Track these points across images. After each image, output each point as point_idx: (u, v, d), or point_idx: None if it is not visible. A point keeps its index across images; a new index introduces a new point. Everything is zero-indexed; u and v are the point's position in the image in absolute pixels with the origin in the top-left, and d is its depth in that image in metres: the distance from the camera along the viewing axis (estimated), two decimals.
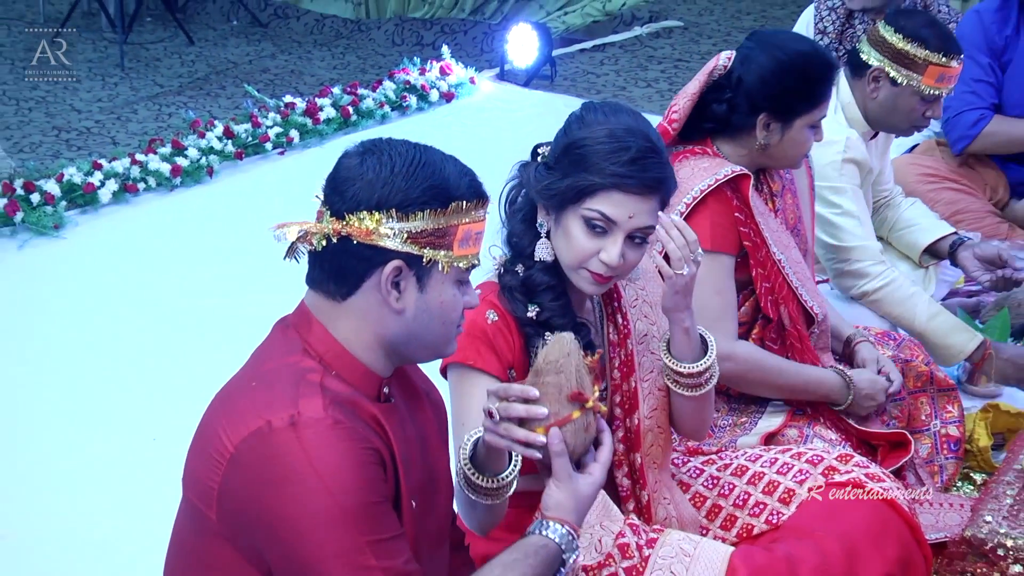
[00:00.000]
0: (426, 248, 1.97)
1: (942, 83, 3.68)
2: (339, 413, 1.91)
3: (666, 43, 8.54)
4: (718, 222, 3.13)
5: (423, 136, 6.35)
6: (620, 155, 2.43)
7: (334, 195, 1.98)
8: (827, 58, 3.27)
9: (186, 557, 2.07)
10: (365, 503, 1.89)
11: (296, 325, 2.05)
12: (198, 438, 2.04)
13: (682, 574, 2.51)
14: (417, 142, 2.03)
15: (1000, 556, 2.83)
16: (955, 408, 3.58)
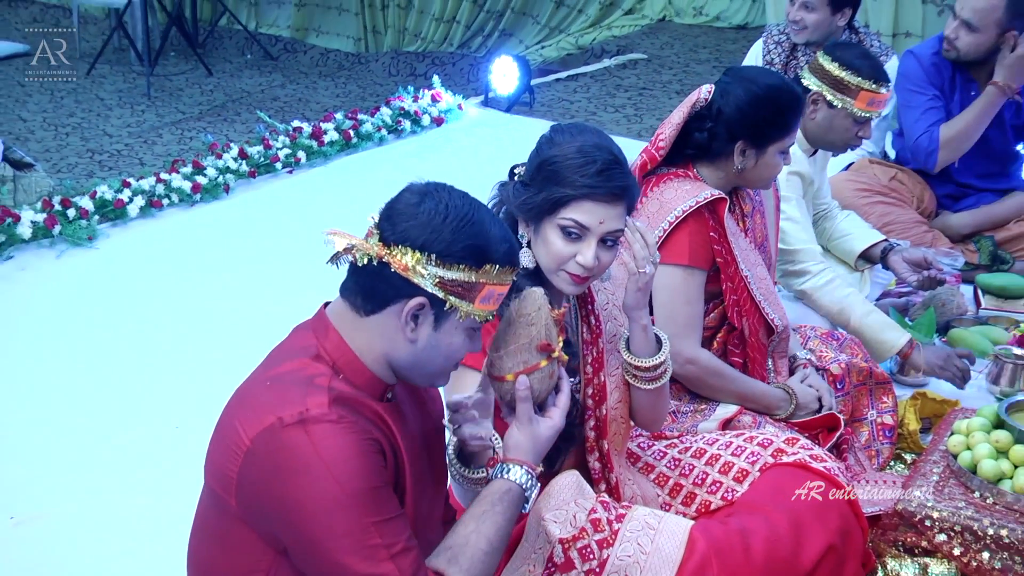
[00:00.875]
0: (451, 296, 1.98)
1: (872, 107, 3.70)
2: (342, 410, 1.92)
3: (632, 73, 8.54)
4: (695, 240, 3.14)
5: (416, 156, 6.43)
6: (588, 168, 2.43)
7: (387, 223, 1.98)
8: (795, 91, 3.27)
9: (209, 537, 2.08)
10: (368, 488, 1.90)
11: (314, 329, 2.06)
12: (219, 430, 2.04)
13: (647, 545, 2.50)
14: (475, 199, 2.04)
15: (927, 527, 2.83)
16: (889, 399, 3.58)
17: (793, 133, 3.25)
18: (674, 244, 3.12)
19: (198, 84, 8.92)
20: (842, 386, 3.48)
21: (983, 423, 3.02)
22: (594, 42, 9.39)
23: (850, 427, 3.45)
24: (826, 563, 2.64)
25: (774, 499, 2.69)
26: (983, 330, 4.23)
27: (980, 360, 4.05)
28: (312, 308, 2.13)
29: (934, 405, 3.69)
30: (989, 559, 2.76)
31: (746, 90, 3.19)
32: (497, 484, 2.15)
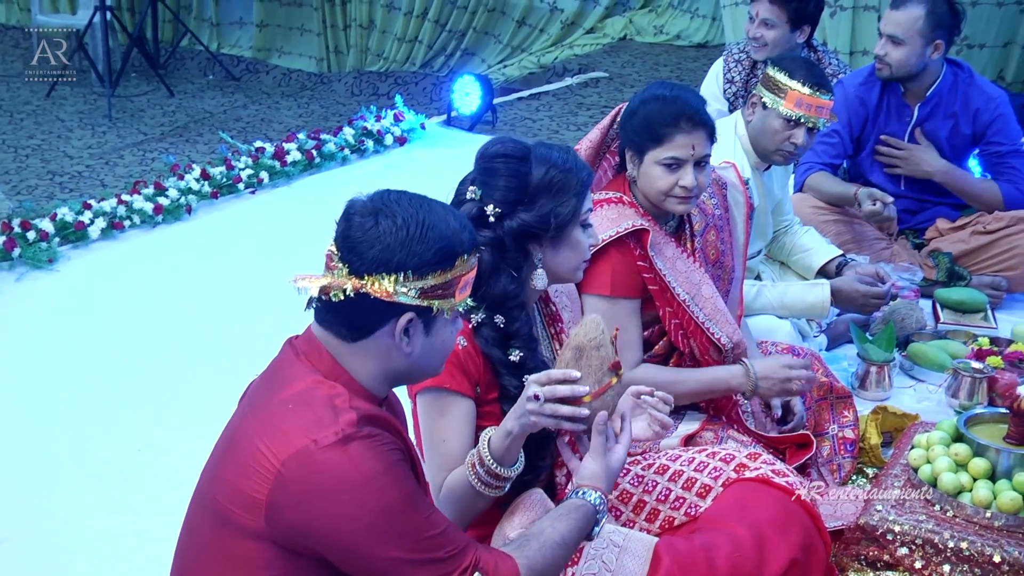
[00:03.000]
0: (435, 300, 1.99)
1: (799, 108, 3.70)
2: (371, 426, 1.94)
3: (594, 92, 8.58)
4: (618, 270, 3.15)
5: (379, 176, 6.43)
6: (582, 172, 2.60)
7: (352, 255, 1.96)
8: (674, 107, 3.14)
9: (205, 554, 2.04)
10: (408, 493, 1.94)
11: (307, 354, 2.04)
12: (233, 451, 2.01)
13: (612, 563, 2.50)
14: (417, 196, 2.04)
15: (889, 540, 2.84)
16: (850, 413, 3.61)
17: (670, 147, 3.11)
18: (597, 275, 3.12)
19: (160, 105, 8.88)
20: (803, 401, 3.49)
21: (943, 436, 3.04)
22: (556, 61, 9.43)
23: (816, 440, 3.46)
24: None
25: (737, 514, 2.70)
26: (942, 344, 4.27)
27: (939, 374, 4.09)
28: (276, 328, 2.13)
29: (895, 419, 3.71)
30: (950, 571, 2.77)
31: (632, 100, 3.22)
32: (574, 500, 2.26)
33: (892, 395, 4.01)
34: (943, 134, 4.81)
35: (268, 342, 2.53)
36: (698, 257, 3.32)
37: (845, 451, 3.53)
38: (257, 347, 4.16)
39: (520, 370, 2.55)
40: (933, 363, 4.16)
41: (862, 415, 3.68)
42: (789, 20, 4.94)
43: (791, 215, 4.33)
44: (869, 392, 3.99)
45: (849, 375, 4.03)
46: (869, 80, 4.84)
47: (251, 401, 2.08)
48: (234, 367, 4.09)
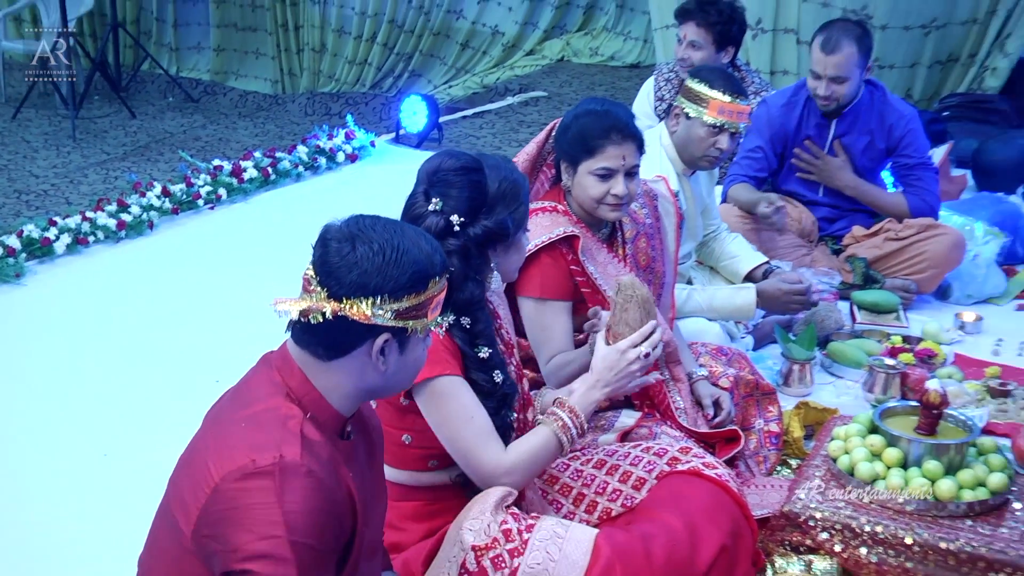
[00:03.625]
0: (409, 320, 1.97)
1: (722, 115, 3.76)
2: (314, 462, 1.88)
3: (534, 110, 8.60)
4: (548, 273, 3.19)
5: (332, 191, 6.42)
6: (525, 181, 2.71)
7: (330, 280, 1.92)
8: (606, 120, 3.19)
9: (161, 557, 2.02)
10: (312, 547, 1.85)
11: (280, 369, 2.01)
12: (188, 461, 1.99)
13: (556, 554, 2.51)
14: (390, 221, 2.01)
15: (811, 526, 2.86)
16: (775, 408, 3.63)
17: (602, 158, 3.16)
18: (529, 278, 3.17)
19: (122, 126, 8.80)
20: (732, 398, 3.52)
21: (859, 429, 3.07)
22: (498, 81, 9.44)
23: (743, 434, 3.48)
24: (720, 563, 2.66)
25: (671, 505, 2.71)
26: (858, 343, 4.32)
27: (856, 371, 4.14)
28: (238, 340, 2.13)
29: (815, 413, 3.74)
30: (866, 554, 2.80)
31: (566, 115, 3.26)
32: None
33: (813, 391, 4.05)
34: (859, 148, 4.87)
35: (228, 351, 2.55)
36: (629, 263, 3.35)
37: (770, 444, 3.55)
38: (217, 356, 4.23)
39: (487, 365, 2.58)
40: (851, 361, 4.21)
41: (786, 410, 3.71)
42: (714, 42, 4.99)
43: (718, 220, 4.36)
44: (792, 388, 4.02)
45: (774, 373, 4.06)
46: (791, 100, 4.89)
47: (215, 415, 2.05)
48: (195, 375, 4.14)
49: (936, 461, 2.89)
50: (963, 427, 3.02)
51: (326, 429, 1.99)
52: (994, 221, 5.23)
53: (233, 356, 2.18)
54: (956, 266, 4.79)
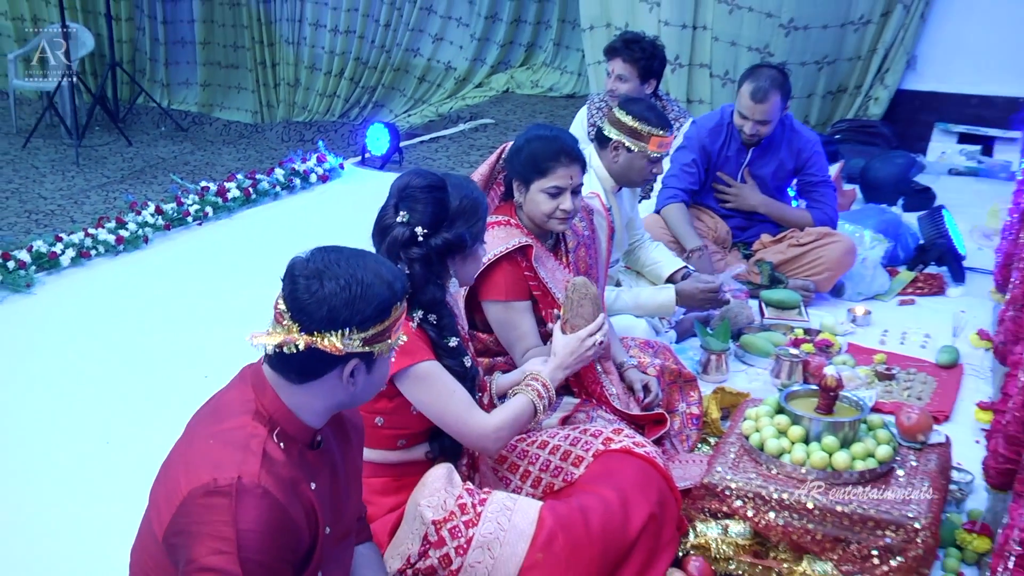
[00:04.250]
0: (376, 345, 1.92)
1: (661, 148, 3.80)
2: (271, 483, 1.83)
3: (483, 135, 8.59)
4: (509, 279, 3.19)
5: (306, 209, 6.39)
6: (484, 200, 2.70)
7: (302, 315, 1.86)
8: (555, 145, 3.20)
9: (146, 554, 1.98)
10: (265, 563, 1.81)
11: (255, 387, 1.95)
12: (165, 470, 1.95)
13: (505, 524, 2.51)
14: (353, 253, 1.94)
15: (727, 495, 2.87)
16: (695, 393, 3.64)
17: (553, 177, 3.17)
18: (492, 284, 3.17)
19: (120, 153, 8.70)
20: (658, 383, 3.53)
21: (768, 410, 3.08)
22: (451, 110, 9.43)
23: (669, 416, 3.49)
24: (649, 529, 2.67)
25: (605, 479, 2.72)
26: (767, 335, 4.34)
27: (765, 359, 4.17)
28: (224, 342, 2.08)
29: (731, 397, 3.76)
30: (774, 518, 2.81)
31: (517, 140, 3.27)
32: None
33: (728, 378, 4.06)
34: (771, 170, 4.91)
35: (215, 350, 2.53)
36: (571, 268, 3.35)
37: (692, 424, 3.56)
38: (206, 354, 4.19)
39: (456, 352, 2.59)
40: (760, 351, 4.23)
41: (705, 395, 3.72)
42: (639, 75, 5.00)
43: (642, 230, 4.37)
44: (710, 376, 4.03)
45: (694, 362, 4.07)
46: (718, 125, 4.90)
47: (192, 427, 1.99)
48: (186, 372, 4.10)
49: (833, 436, 2.91)
50: (855, 407, 3.04)
51: (296, 442, 1.94)
52: (879, 229, 5.29)
53: (220, 355, 2.17)
54: (849, 269, 4.84)
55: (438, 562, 2.46)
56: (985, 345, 4.32)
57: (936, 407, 3.80)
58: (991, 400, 3.76)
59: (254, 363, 2.00)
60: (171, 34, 10.82)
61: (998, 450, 2.75)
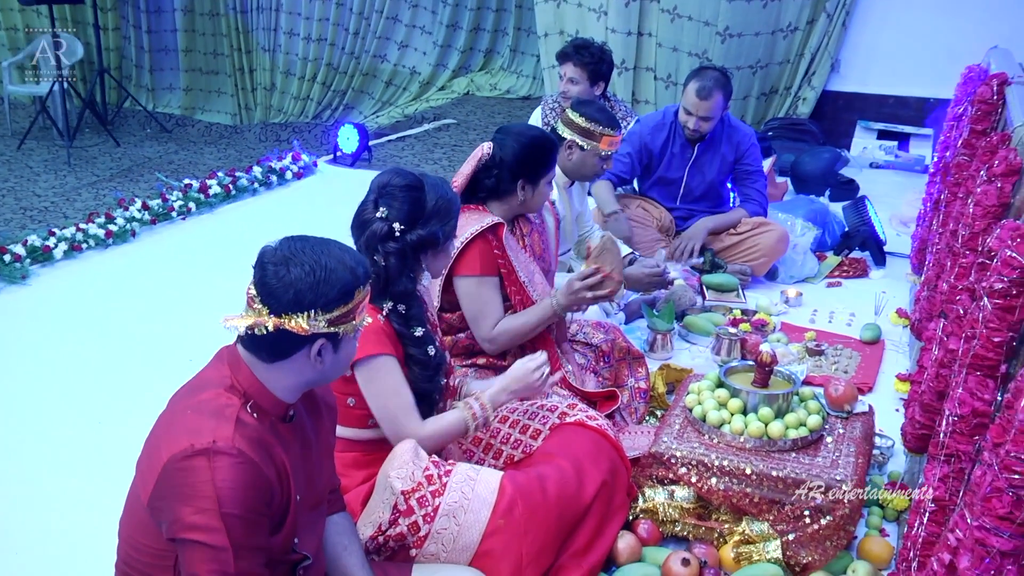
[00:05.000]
0: (341, 326, 1.90)
1: (611, 146, 3.81)
2: (244, 444, 1.81)
3: (446, 135, 8.55)
4: (483, 255, 3.15)
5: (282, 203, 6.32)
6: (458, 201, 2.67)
7: (271, 299, 1.84)
8: (551, 138, 3.35)
9: (133, 521, 1.96)
10: (242, 516, 1.80)
11: (230, 365, 1.93)
12: (148, 442, 1.92)
13: (469, 492, 2.49)
14: (318, 240, 1.92)
15: (672, 463, 2.87)
16: (643, 370, 3.64)
17: (554, 167, 3.33)
18: (467, 260, 3.13)
19: (109, 153, 8.59)
20: (608, 360, 3.53)
21: (709, 384, 3.10)
22: (416, 111, 9.38)
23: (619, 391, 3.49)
24: (601, 496, 2.67)
25: (561, 450, 2.72)
26: (708, 316, 4.36)
27: (706, 338, 4.18)
28: (206, 327, 2.05)
29: (675, 373, 3.77)
30: (716, 483, 2.82)
31: (519, 143, 3.23)
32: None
33: (673, 355, 4.07)
34: (715, 163, 4.90)
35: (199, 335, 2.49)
36: (528, 251, 3.34)
37: (640, 398, 3.56)
38: (190, 340, 4.14)
39: (422, 341, 2.55)
40: (702, 330, 4.25)
41: (652, 371, 3.72)
42: (589, 78, 4.99)
43: (591, 223, 4.37)
44: (657, 353, 4.04)
45: (642, 341, 4.08)
46: (661, 123, 4.89)
47: (173, 402, 1.97)
48: (172, 355, 4.04)
49: (768, 408, 2.92)
50: (788, 380, 3.06)
51: (269, 415, 1.93)
52: (808, 218, 5.32)
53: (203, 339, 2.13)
54: (782, 255, 4.86)
55: (407, 529, 2.44)
56: (903, 322, 4.36)
57: (860, 379, 3.83)
58: (909, 372, 3.79)
59: (231, 344, 1.98)
60: (155, 43, 10.71)
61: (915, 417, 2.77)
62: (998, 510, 1.61)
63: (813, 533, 2.71)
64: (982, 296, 2.17)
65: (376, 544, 2.45)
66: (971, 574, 1.65)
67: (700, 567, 2.70)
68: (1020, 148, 2.83)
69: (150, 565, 1.92)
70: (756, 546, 2.76)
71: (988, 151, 3.07)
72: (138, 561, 1.94)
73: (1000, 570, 1.62)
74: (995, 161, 2.85)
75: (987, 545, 1.63)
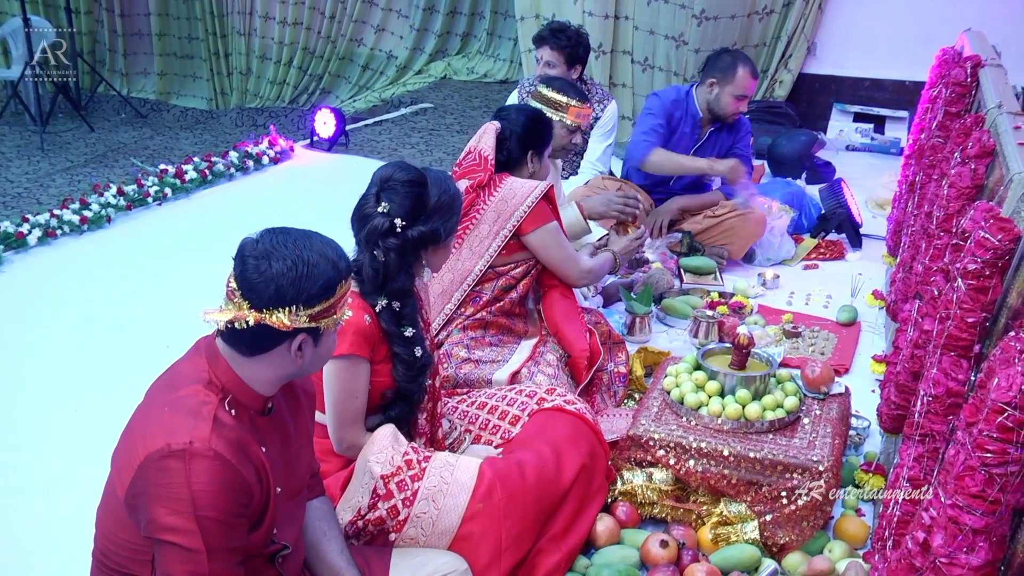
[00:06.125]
0: (322, 321, 1.88)
1: (579, 118, 3.83)
2: (221, 445, 1.80)
3: (423, 119, 8.50)
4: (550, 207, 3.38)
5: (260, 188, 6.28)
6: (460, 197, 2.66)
7: (251, 294, 1.82)
8: (545, 112, 3.57)
9: (109, 515, 1.94)
10: (218, 519, 1.79)
11: (208, 358, 1.91)
12: (125, 435, 1.90)
13: (448, 477, 2.50)
14: (300, 233, 1.89)
15: (651, 445, 2.89)
16: (623, 354, 3.65)
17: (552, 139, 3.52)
18: (540, 214, 3.32)
19: (83, 139, 8.48)
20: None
21: (687, 367, 3.12)
22: (393, 96, 9.32)
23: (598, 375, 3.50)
24: (580, 479, 2.69)
25: (540, 435, 2.73)
26: (685, 299, 4.37)
27: (684, 321, 4.19)
28: (182, 314, 2.04)
29: (653, 356, 3.78)
30: (694, 465, 2.84)
31: (524, 115, 3.42)
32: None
33: (651, 338, 4.09)
34: (715, 150, 4.92)
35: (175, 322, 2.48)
36: None
37: (619, 381, 3.58)
38: (167, 326, 4.12)
39: (410, 341, 2.52)
40: (680, 313, 4.26)
41: (631, 354, 3.74)
42: (566, 61, 4.98)
43: (564, 200, 4.37)
44: (635, 336, 4.05)
45: (620, 325, 4.08)
46: (676, 101, 4.87)
47: (150, 394, 1.95)
48: (148, 342, 4.02)
49: (745, 390, 2.94)
50: (765, 362, 3.08)
51: (247, 409, 1.91)
52: (785, 200, 5.34)
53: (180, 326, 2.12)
54: (759, 238, 4.88)
55: (386, 513, 2.44)
56: (879, 304, 4.39)
57: (837, 361, 3.86)
58: (884, 353, 3.82)
59: (208, 335, 1.95)
60: (129, 27, 10.59)
61: (890, 398, 2.79)
62: (971, 488, 1.63)
63: (790, 514, 2.73)
64: (956, 277, 2.19)
65: (355, 528, 2.45)
66: (944, 551, 1.67)
67: (678, 549, 2.72)
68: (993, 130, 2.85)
69: (127, 559, 1.92)
70: (734, 527, 2.78)
71: (962, 133, 3.09)
72: (115, 555, 1.93)
73: (972, 547, 1.64)
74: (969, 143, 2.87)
75: (960, 523, 1.65)
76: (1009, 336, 1.72)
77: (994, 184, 2.65)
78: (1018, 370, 1.56)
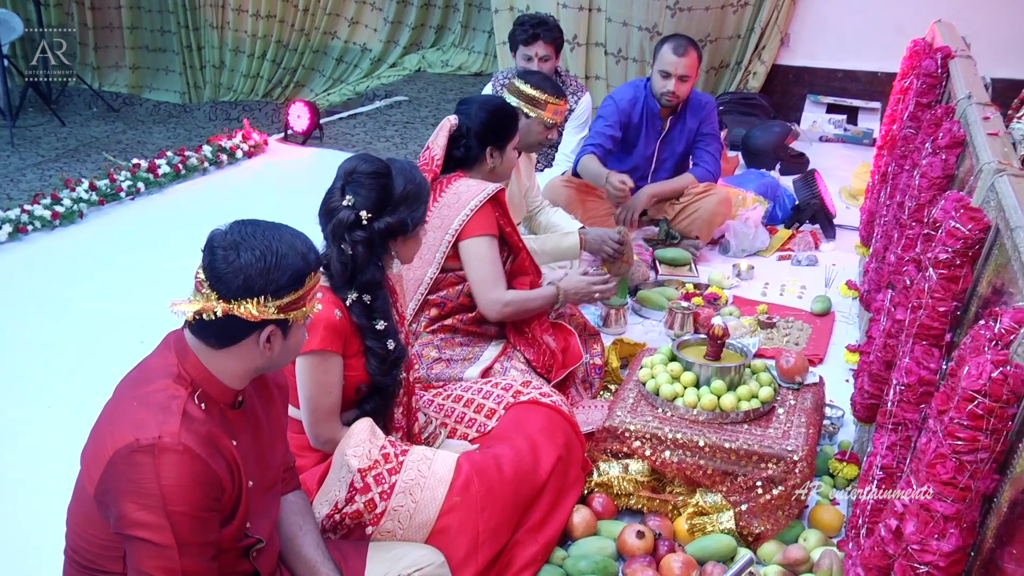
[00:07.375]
0: (291, 312, 1.88)
1: (556, 116, 3.81)
2: (191, 440, 1.78)
3: (397, 112, 8.49)
4: (492, 217, 3.23)
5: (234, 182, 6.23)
6: (426, 185, 2.60)
7: (219, 284, 1.81)
8: (510, 105, 3.50)
9: (80, 512, 1.93)
10: (189, 514, 1.78)
11: (178, 352, 1.89)
12: (95, 433, 1.88)
13: (426, 471, 2.50)
14: (269, 225, 1.88)
15: (626, 437, 2.90)
16: (598, 345, 3.65)
17: (517, 135, 3.40)
18: (480, 222, 3.17)
19: (54, 133, 8.42)
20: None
21: (662, 358, 3.13)
22: (368, 89, 9.29)
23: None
24: (557, 471, 2.69)
25: (516, 429, 2.74)
26: (661, 290, 4.38)
27: (660, 312, 4.21)
28: (154, 309, 2.01)
29: (629, 347, 3.79)
30: (669, 456, 2.85)
31: (484, 110, 3.31)
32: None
33: (627, 330, 4.10)
34: (684, 135, 4.91)
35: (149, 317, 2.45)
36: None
37: (595, 373, 3.58)
38: (140, 321, 4.07)
39: (382, 335, 2.51)
40: (655, 304, 4.27)
41: (606, 346, 3.75)
42: (556, 51, 5.08)
43: (540, 197, 4.38)
44: (611, 328, 4.07)
45: (596, 316, 4.10)
46: (633, 97, 4.87)
47: (120, 390, 1.93)
48: (122, 338, 3.98)
49: (721, 380, 2.96)
50: (740, 353, 3.09)
51: (216, 402, 1.90)
52: (759, 191, 5.37)
53: (153, 322, 2.10)
54: (726, 219, 4.89)
55: (364, 507, 2.44)
56: (853, 294, 4.42)
57: (811, 351, 3.88)
58: (858, 343, 3.84)
59: (177, 329, 1.94)
60: (99, 19, 10.49)
61: (864, 387, 2.81)
62: (942, 476, 1.64)
63: (765, 503, 2.75)
64: (928, 267, 2.21)
65: (332, 522, 2.45)
66: (916, 538, 1.69)
67: (655, 539, 2.74)
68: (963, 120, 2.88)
69: (98, 555, 1.91)
70: (710, 517, 2.80)
71: (933, 124, 3.12)
72: (86, 551, 1.92)
73: (943, 533, 1.66)
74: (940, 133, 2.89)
75: (931, 510, 1.66)
76: (979, 325, 1.74)
77: (964, 174, 2.68)
78: (988, 358, 1.57)
